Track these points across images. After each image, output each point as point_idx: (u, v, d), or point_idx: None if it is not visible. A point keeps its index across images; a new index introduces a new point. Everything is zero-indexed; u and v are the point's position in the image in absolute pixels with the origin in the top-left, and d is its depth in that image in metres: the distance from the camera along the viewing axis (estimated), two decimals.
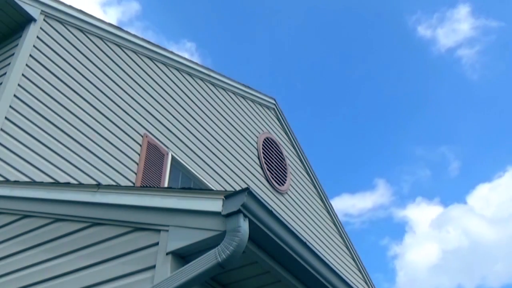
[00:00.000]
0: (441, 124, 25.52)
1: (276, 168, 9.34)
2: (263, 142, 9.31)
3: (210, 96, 8.36)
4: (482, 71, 23.83)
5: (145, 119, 6.81)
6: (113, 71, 6.63)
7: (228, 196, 2.57)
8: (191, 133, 7.55)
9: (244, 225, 2.43)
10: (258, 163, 8.92)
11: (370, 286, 10.91)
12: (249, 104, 9.37)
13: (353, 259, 10.80)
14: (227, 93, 8.86)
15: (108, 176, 5.86)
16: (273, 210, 2.60)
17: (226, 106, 8.67)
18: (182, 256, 2.68)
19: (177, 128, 7.30)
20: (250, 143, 8.94)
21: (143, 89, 7.01)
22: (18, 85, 5.28)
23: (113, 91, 6.49)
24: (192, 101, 7.89)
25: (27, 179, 4.94)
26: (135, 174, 6.26)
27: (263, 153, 9.15)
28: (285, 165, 9.70)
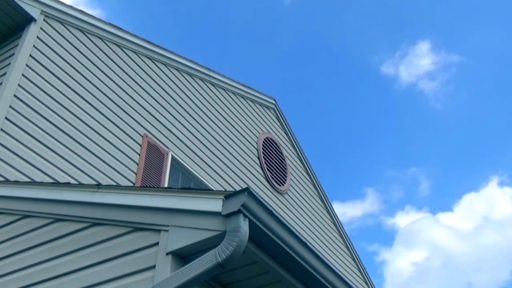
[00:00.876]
0: (410, 149, 27.55)
1: (276, 168, 9.34)
2: (263, 142, 9.31)
3: (210, 96, 8.36)
4: (445, 101, 26.09)
5: (145, 119, 6.81)
6: (113, 71, 6.64)
7: (228, 196, 2.57)
8: (191, 133, 7.55)
9: (244, 225, 2.43)
10: (258, 163, 8.92)
11: (370, 286, 10.91)
12: (249, 104, 9.37)
13: (353, 259, 10.80)
14: (227, 93, 8.86)
15: (108, 176, 5.86)
16: (273, 210, 2.60)
17: (226, 106, 8.67)
18: (182, 256, 2.68)
19: (177, 128, 7.30)
20: (250, 143, 8.94)
21: (143, 89, 7.01)
22: (18, 85, 5.28)
23: (113, 91, 6.49)
24: (192, 101, 7.89)
25: (27, 179, 4.94)
26: (135, 174, 6.26)
27: (263, 153, 9.15)
28: (285, 165, 9.70)
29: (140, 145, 6.53)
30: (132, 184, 6.11)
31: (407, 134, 26.35)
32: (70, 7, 6.27)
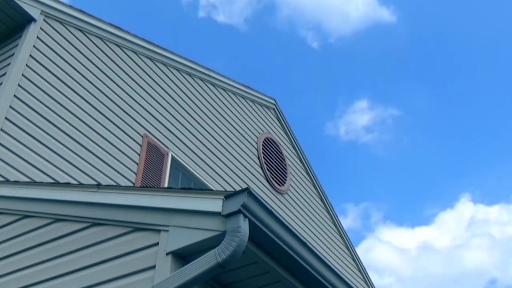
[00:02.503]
0: (362, 188, 31.13)
1: (276, 168, 9.34)
2: (263, 142, 9.31)
3: (210, 96, 8.36)
4: (386, 149, 29.06)
5: (145, 119, 6.81)
6: (113, 71, 6.64)
7: (228, 196, 2.57)
8: (191, 133, 7.55)
9: (244, 225, 2.43)
10: (258, 163, 8.92)
11: (370, 286, 10.91)
12: (249, 104, 9.37)
13: (353, 259, 10.81)
14: (227, 93, 8.86)
15: (108, 176, 5.86)
16: (273, 210, 2.60)
17: (226, 106, 8.67)
18: (182, 256, 2.68)
19: (177, 128, 7.30)
20: (250, 143, 8.94)
21: (143, 89, 7.01)
22: (18, 85, 5.28)
23: (113, 91, 6.49)
24: (192, 101, 7.89)
25: (27, 179, 4.94)
26: (135, 174, 6.26)
27: (263, 153, 9.15)
28: (285, 165, 9.70)
29: (140, 145, 6.53)
30: (132, 184, 6.11)
31: (354, 176, 29.90)
32: (70, 7, 6.26)
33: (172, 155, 6.95)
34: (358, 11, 26.48)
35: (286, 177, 9.53)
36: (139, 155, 6.44)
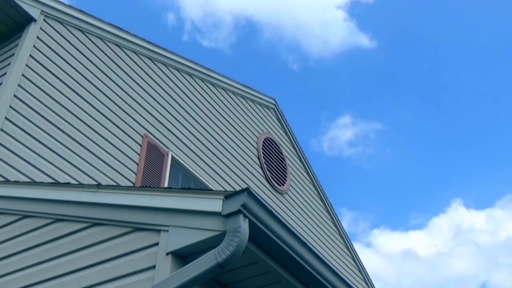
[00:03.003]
0: (348, 200, 31.71)
1: (276, 168, 9.34)
2: (263, 142, 9.31)
3: (210, 96, 8.36)
4: (370, 161, 29.96)
5: (145, 119, 6.81)
6: (113, 71, 6.64)
7: (228, 196, 2.57)
8: (191, 133, 7.55)
9: (244, 225, 2.43)
10: (258, 163, 8.92)
11: (370, 286, 10.91)
12: (249, 104, 9.37)
13: (353, 259, 10.81)
14: (227, 93, 8.86)
15: (108, 176, 5.86)
16: (273, 210, 2.60)
17: (226, 106, 8.67)
18: (182, 256, 2.68)
19: (177, 128, 7.30)
20: (250, 143, 8.94)
21: (143, 89, 7.01)
22: (18, 85, 5.28)
23: (113, 91, 6.49)
24: (192, 101, 7.89)
25: (27, 179, 4.94)
26: (135, 174, 6.26)
27: (263, 153, 9.15)
28: (285, 165, 9.70)
29: (140, 145, 6.53)
30: (132, 184, 6.11)
31: (339, 188, 30.62)
32: (70, 7, 6.27)
33: (172, 155, 6.95)
34: (337, 36, 28.01)
35: (286, 177, 9.53)
36: (139, 155, 6.44)
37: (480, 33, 25.93)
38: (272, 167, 9.26)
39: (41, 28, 5.80)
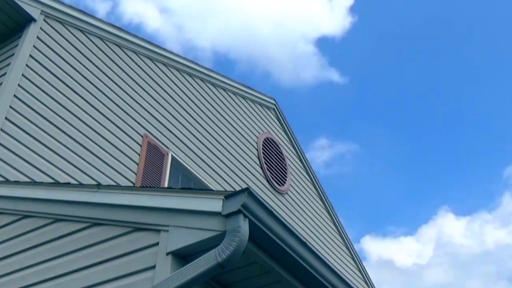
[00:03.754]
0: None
1: (276, 168, 9.34)
2: (263, 142, 9.31)
3: (210, 96, 8.36)
4: (347, 180, 31.03)
5: (145, 119, 6.81)
6: (113, 71, 6.64)
7: (228, 196, 2.57)
8: (191, 133, 7.55)
9: (244, 225, 2.43)
10: (258, 163, 8.92)
11: (370, 286, 10.91)
12: (249, 104, 9.37)
13: (353, 259, 10.81)
14: (227, 93, 8.86)
15: (108, 176, 5.86)
16: (273, 210, 2.60)
17: (226, 106, 8.67)
18: (182, 256, 2.68)
19: (177, 128, 7.30)
20: (250, 143, 8.94)
21: (143, 89, 7.01)
22: (18, 85, 5.28)
23: (113, 91, 6.49)
24: (192, 101, 7.89)
25: (27, 179, 4.94)
26: (135, 174, 6.26)
27: (263, 153, 9.15)
28: (285, 165, 9.70)
29: (140, 145, 6.53)
30: (132, 184, 6.11)
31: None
32: (70, 7, 6.27)
33: (172, 155, 6.95)
34: (307, 71, 29.10)
35: (286, 177, 9.53)
36: (139, 155, 6.44)
37: (445, 59, 27.62)
38: (272, 167, 9.26)
39: (41, 28, 5.80)
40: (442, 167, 30.67)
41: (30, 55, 5.54)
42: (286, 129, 10.35)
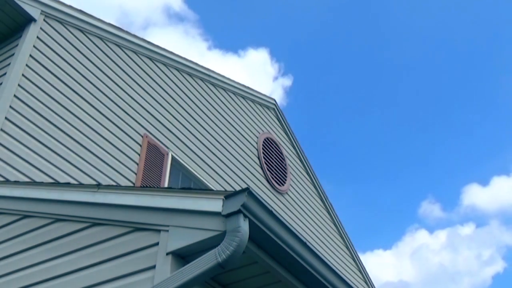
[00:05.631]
0: None
1: (276, 168, 9.34)
2: (263, 142, 9.31)
3: (210, 96, 8.36)
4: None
5: (145, 119, 6.81)
6: (113, 71, 6.64)
7: (228, 196, 2.57)
8: (191, 133, 7.55)
9: (244, 225, 2.43)
10: (258, 163, 8.92)
11: (370, 286, 10.91)
12: (249, 104, 9.37)
13: (353, 259, 10.81)
14: (227, 93, 8.86)
15: (108, 176, 5.86)
16: (273, 210, 2.60)
17: (226, 106, 8.67)
18: (182, 256, 2.68)
19: (177, 128, 7.30)
20: (250, 143, 8.94)
21: (143, 89, 7.01)
22: (18, 85, 5.28)
23: (113, 91, 6.49)
24: (192, 101, 7.89)
25: (27, 179, 4.94)
26: (135, 174, 6.26)
27: (263, 153, 9.15)
28: (285, 165, 9.70)
29: (140, 145, 6.53)
30: (132, 184, 6.11)
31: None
32: (70, 7, 6.27)
33: (172, 155, 6.95)
34: None
35: (286, 177, 9.53)
36: (139, 155, 6.44)
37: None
38: (272, 167, 9.26)
39: (41, 28, 5.80)
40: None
41: (30, 55, 5.54)
42: (286, 129, 10.35)
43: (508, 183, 31.47)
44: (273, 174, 9.17)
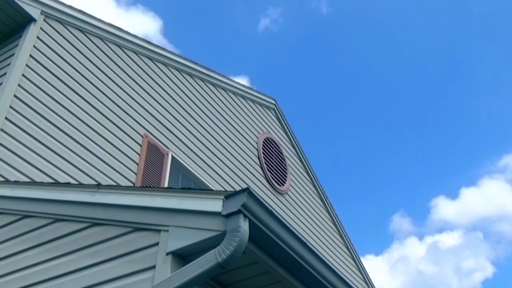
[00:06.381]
0: None
1: (276, 168, 9.34)
2: (263, 142, 9.31)
3: (210, 96, 8.36)
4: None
5: (145, 119, 6.81)
6: (113, 71, 6.64)
7: (228, 196, 2.57)
8: (191, 133, 7.55)
9: (244, 225, 2.43)
10: (258, 163, 8.92)
11: (370, 286, 10.91)
12: (249, 104, 9.37)
13: (353, 259, 10.81)
14: (227, 93, 8.86)
15: (108, 176, 5.86)
16: (273, 210, 2.60)
17: (226, 106, 8.67)
18: (182, 256, 2.68)
19: (177, 128, 7.30)
20: (250, 143, 8.94)
21: (143, 89, 7.01)
22: (18, 85, 5.28)
23: (113, 91, 6.49)
24: (192, 101, 7.89)
25: (27, 179, 4.94)
26: (135, 174, 6.26)
27: (263, 153, 9.15)
28: (285, 165, 9.70)
29: (140, 145, 6.53)
30: (132, 184, 6.11)
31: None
32: (70, 7, 6.27)
33: (172, 155, 6.95)
34: None
35: (286, 177, 9.53)
36: (139, 155, 6.45)
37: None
38: (272, 167, 9.26)
39: (41, 28, 5.80)
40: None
41: (30, 55, 5.54)
42: (286, 129, 10.35)
43: (476, 195, 32.05)
44: (273, 174, 9.17)
